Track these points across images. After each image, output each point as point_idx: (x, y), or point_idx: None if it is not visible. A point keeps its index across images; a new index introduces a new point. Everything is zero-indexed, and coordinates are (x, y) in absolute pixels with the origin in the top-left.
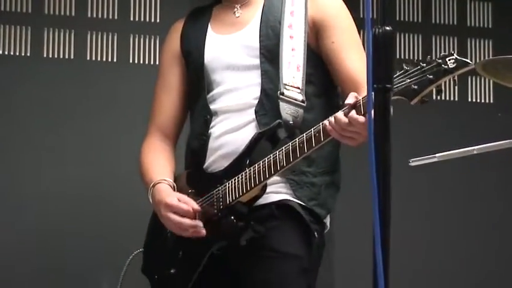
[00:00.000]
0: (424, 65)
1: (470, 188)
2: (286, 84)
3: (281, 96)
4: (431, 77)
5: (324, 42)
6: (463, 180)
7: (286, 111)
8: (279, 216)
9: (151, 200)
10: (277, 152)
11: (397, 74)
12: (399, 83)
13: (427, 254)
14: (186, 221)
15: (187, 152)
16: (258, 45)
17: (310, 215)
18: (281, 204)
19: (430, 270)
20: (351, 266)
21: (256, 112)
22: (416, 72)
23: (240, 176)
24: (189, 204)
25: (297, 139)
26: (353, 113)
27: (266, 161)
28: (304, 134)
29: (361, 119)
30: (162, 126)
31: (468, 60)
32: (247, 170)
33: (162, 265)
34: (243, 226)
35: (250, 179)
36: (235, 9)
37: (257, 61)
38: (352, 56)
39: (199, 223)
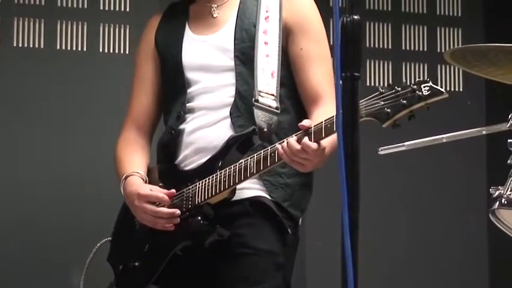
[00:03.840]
0: (399, 89)
1: (438, 174)
2: (261, 91)
3: (256, 103)
4: (404, 102)
5: (293, 47)
6: (431, 167)
7: (261, 118)
8: (252, 213)
9: (122, 192)
10: (249, 158)
11: (372, 96)
12: (372, 105)
13: (398, 245)
14: (163, 209)
15: (158, 146)
16: (232, 48)
17: (283, 212)
18: (255, 201)
19: (401, 259)
20: (321, 261)
21: (231, 114)
22: (390, 96)
23: (211, 177)
24: (163, 192)
25: (268, 148)
26: (306, 139)
27: (237, 166)
28: (277, 144)
29: (314, 146)
30: (138, 120)
31: (442, 90)
32: (219, 173)
33: (128, 256)
34: (208, 228)
35: (220, 182)
36: (212, 9)
37: (231, 63)
38: (316, 69)
39: (177, 211)
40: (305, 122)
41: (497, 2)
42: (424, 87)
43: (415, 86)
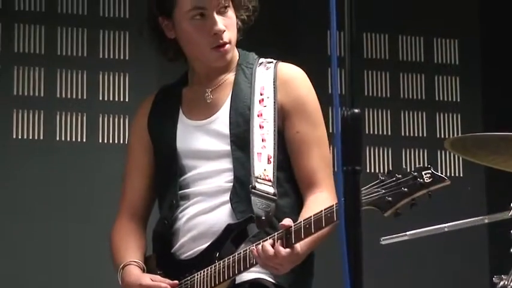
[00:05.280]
0: (400, 176)
1: (441, 262)
2: (257, 177)
3: (253, 190)
4: (406, 190)
5: (289, 130)
6: (433, 255)
7: (258, 205)
8: None
9: (120, 282)
10: (248, 248)
11: (372, 184)
12: (374, 193)
13: None
14: None
15: (154, 236)
16: (228, 132)
17: None
18: (255, 284)
19: None
20: None
21: (231, 199)
22: (391, 184)
23: (209, 268)
24: (165, 281)
25: (268, 238)
26: (278, 245)
27: (236, 256)
28: (276, 234)
29: (284, 252)
30: (133, 207)
31: (444, 176)
32: (217, 264)
33: None
34: None
35: (219, 273)
36: (207, 93)
37: (228, 148)
38: (312, 153)
39: None
40: (285, 221)
41: (494, 87)
42: (425, 174)
43: (416, 173)
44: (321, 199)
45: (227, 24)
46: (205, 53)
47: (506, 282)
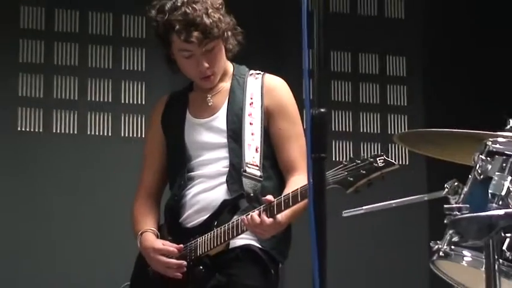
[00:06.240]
0: (359, 161)
1: (391, 231)
2: (247, 163)
3: (244, 173)
4: (364, 172)
5: (273, 127)
6: (385, 226)
7: (248, 185)
8: (242, 258)
9: (139, 245)
10: (239, 218)
11: (337, 168)
12: (339, 174)
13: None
14: (173, 261)
15: (165, 209)
16: (225, 128)
17: (268, 257)
18: (245, 248)
19: None
20: None
21: (227, 181)
22: (352, 167)
23: (209, 234)
24: (174, 246)
25: (256, 210)
26: (263, 215)
27: (230, 224)
28: (262, 207)
29: (268, 221)
30: (149, 187)
31: (394, 161)
32: (215, 230)
33: None
34: (209, 275)
35: (217, 237)
36: (208, 97)
37: (225, 140)
38: (292, 146)
39: (184, 262)
40: (268, 197)
41: (433, 94)
42: (379, 159)
43: (372, 159)
44: (298, 180)
45: (211, 60)
46: (195, 79)
47: (439, 246)
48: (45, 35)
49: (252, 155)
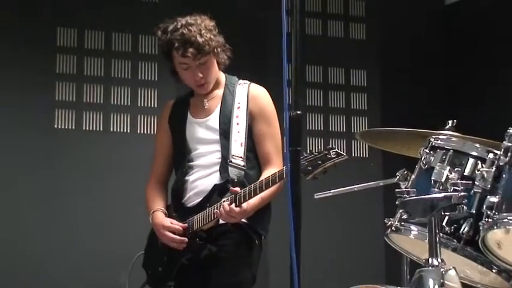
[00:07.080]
0: (316, 153)
1: (354, 210)
2: (233, 155)
3: (230, 163)
4: (320, 162)
5: (254, 127)
6: (350, 206)
7: (233, 173)
8: (232, 231)
9: (151, 221)
10: (225, 199)
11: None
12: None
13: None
14: (177, 237)
15: (172, 192)
16: (218, 127)
17: (252, 230)
18: (233, 223)
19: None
20: (278, 261)
21: (219, 170)
22: (310, 158)
23: (202, 212)
24: (179, 225)
25: (225, 200)
26: (233, 205)
27: (218, 204)
28: (242, 191)
29: (236, 210)
30: (159, 174)
31: (343, 153)
32: (208, 209)
33: (154, 264)
34: (202, 245)
35: (208, 215)
36: (205, 101)
37: (217, 137)
38: (268, 144)
39: (185, 239)
40: (236, 189)
41: (390, 100)
42: (332, 151)
43: (326, 152)
44: (271, 171)
45: (204, 71)
46: (192, 87)
47: (392, 222)
48: (77, 51)
49: (238, 148)
